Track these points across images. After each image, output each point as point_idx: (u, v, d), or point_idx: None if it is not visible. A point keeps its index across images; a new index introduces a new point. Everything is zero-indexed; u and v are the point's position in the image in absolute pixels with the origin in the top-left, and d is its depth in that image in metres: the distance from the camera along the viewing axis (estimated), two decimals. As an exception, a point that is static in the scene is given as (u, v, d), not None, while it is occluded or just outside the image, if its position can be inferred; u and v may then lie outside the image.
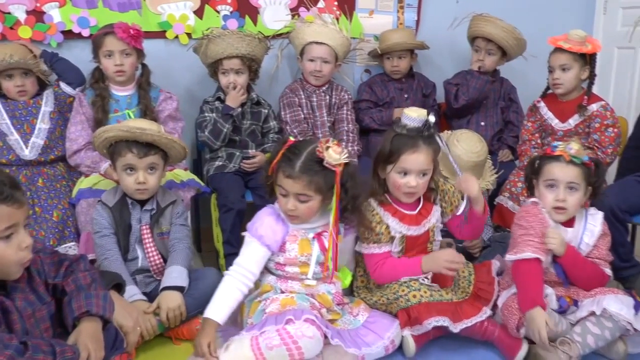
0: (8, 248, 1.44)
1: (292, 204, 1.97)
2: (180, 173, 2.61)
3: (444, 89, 3.24)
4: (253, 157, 2.76)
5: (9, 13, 2.71)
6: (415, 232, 2.15)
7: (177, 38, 2.96)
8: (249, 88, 2.85)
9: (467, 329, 2.01)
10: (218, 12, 2.99)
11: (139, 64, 2.65)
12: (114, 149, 2.16)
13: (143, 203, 2.24)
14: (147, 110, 2.60)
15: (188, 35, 2.96)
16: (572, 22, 3.50)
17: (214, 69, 2.78)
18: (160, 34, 2.92)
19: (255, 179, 2.73)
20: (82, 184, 2.50)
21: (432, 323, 1.97)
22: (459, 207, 2.20)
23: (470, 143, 2.51)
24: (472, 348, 2.07)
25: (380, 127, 3.11)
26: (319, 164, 1.92)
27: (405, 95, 3.22)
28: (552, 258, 2.13)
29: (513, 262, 2.09)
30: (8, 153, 2.53)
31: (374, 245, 2.14)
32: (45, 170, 2.57)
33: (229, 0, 3.00)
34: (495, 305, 2.12)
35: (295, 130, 2.92)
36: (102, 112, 2.55)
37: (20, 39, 2.71)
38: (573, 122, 2.70)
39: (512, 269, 2.11)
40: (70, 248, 2.39)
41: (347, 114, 3.04)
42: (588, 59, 2.65)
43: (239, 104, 2.76)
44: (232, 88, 2.74)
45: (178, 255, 2.20)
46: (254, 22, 3.06)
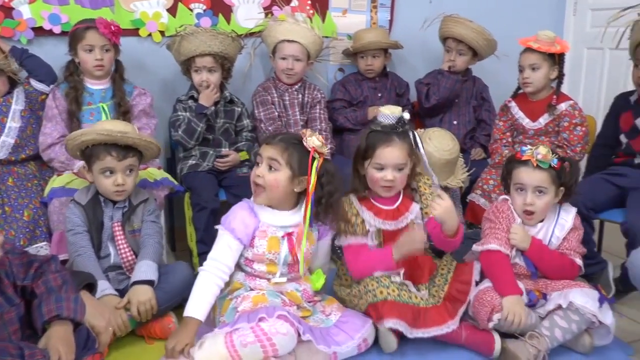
0: None
1: (260, 170, 2.01)
2: (154, 172, 2.60)
3: (416, 89, 3.27)
4: (226, 156, 2.76)
5: (-24, 9, 2.65)
6: (392, 226, 2.17)
7: (150, 36, 2.93)
8: (222, 87, 2.84)
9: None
10: (191, 10, 2.97)
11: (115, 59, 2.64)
12: (91, 152, 2.16)
13: (115, 202, 2.24)
14: (121, 103, 2.60)
15: (161, 33, 2.93)
16: (543, 23, 3.56)
17: (187, 67, 2.77)
18: (134, 32, 2.89)
19: (229, 178, 2.74)
20: (54, 183, 2.47)
21: (390, 324, 1.97)
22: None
23: (442, 141, 2.54)
24: (450, 345, 2.08)
25: (355, 126, 3.14)
26: (299, 142, 2.00)
27: (379, 95, 3.24)
28: (520, 251, 2.18)
29: (480, 253, 2.16)
30: (-23, 152, 2.49)
31: (351, 237, 2.17)
32: (16, 170, 2.52)
33: (203, -2, 2.99)
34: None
35: (270, 128, 2.92)
36: (75, 104, 2.54)
37: (-12, 36, 2.67)
38: (543, 121, 2.74)
39: (481, 260, 2.18)
40: (42, 248, 2.36)
41: (319, 113, 3.04)
42: (557, 59, 2.69)
43: (212, 103, 2.76)
44: (205, 87, 2.73)
45: (148, 250, 2.20)
46: (227, 20, 3.05)
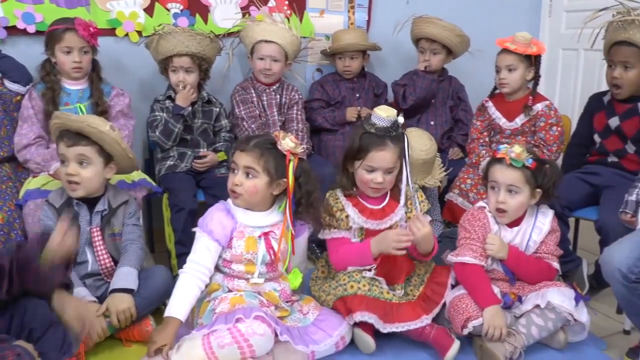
0: None
1: (238, 179, 2.00)
2: (132, 173, 2.58)
3: (392, 90, 3.28)
4: (204, 156, 2.75)
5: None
6: (375, 226, 2.18)
7: (127, 36, 2.91)
8: (200, 87, 2.83)
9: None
10: (168, 10, 2.96)
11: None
12: (56, 139, 2.13)
13: (93, 204, 2.17)
14: (99, 103, 2.57)
15: (138, 33, 2.91)
16: (519, 24, 3.62)
17: (165, 66, 2.76)
18: (110, 32, 2.87)
19: (207, 179, 2.73)
20: (29, 185, 2.43)
21: (359, 317, 1.98)
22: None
23: (420, 141, 2.56)
24: (427, 346, 2.09)
25: (333, 127, 3.16)
26: (273, 146, 2.00)
27: (357, 95, 3.25)
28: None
29: (455, 264, 2.18)
30: (-50, 154, 2.45)
31: (335, 231, 2.19)
32: (-10, 171, 2.49)
33: (180, -2, 2.98)
34: (443, 305, 2.16)
35: (253, 126, 2.91)
36: (52, 104, 2.50)
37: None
38: (520, 121, 2.77)
39: (455, 272, 2.19)
40: (17, 251, 2.33)
41: (297, 114, 3.04)
42: (533, 61, 2.72)
43: (189, 104, 2.75)
44: (182, 87, 2.72)
45: (129, 257, 2.16)
46: (205, 20, 3.04)
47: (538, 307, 2.08)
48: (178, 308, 1.94)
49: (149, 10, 2.92)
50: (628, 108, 2.55)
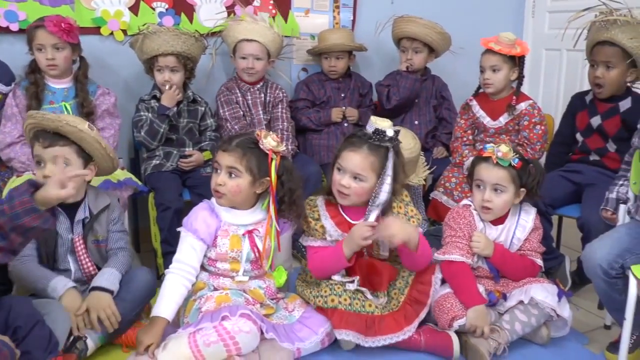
0: None
1: (221, 179, 2.00)
2: (117, 172, 2.56)
3: (376, 91, 3.30)
4: (190, 155, 2.75)
5: None
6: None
7: (112, 34, 2.89)
8: (185, 86, 2.83)
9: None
10: (153, 9, 2.95)
11: (77, 57, 2.59)
12: (31, 140, 2.01)
13: (72, 210, 2.07)
14: (84, 103, 2.55)
15: (123, 32, 2.90)
16: (503, 24, 3.65)
17: (150, 66, 2.75)
18: (95, 30, 2.85)
19: (193, 178, 2.73)
20: (13, 184, 2.41)
21: (342, 335, 1.97)
22: None
23: (403, 140, 2.52)
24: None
25: (318, 127, 3.16)
26: (255, 145, 2.00)
27: (342, 95, 3.26)
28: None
29: (442, 262, 2.18)
30: None
31: (311, 239, 2.17)
32: (-27, 171, 2.47)
33: (165, -3, 2.97)
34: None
35: (237, 127, 2.92)
36: (35, 100, 2.48)
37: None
38: (503, 120, 2.79)
39: (442, 270, 2.19)
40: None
41: (282, 112, 3.04)
42: (517, 61, 2.75)
43: (175, 104, 2.74)
44: (168, 87, 2.71)
45: (115, 261, 2.10)
46: (190, 19, 3.03)
47: (521, 303, 2.11)
48: (165, 307, 1.94)
49: (134, 9, 2.91)
50: (609, 107, 2.59)
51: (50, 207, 1.64)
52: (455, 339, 2.05)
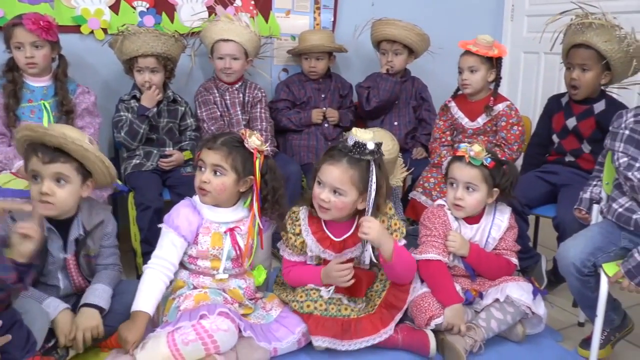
0: None
1: (206, 176, 2.00)
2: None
3: (356, 92, 3.32)
4: (170, 155, 2.74)
5: None
6: (332, 258, 2.10)
7: (92, 33, 2.88)
8: (165, 86, 2.83)
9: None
10: (134, 8, 2.94)
11: (56, 55, 2.57)
12: (26, 151, 1.90)
13: (65, 228, 1.97)
14: (64, 102, 2.54)
15: (104, 31, 2.89)
16: (482, 28, 3.69)
17: (130, 66, 2.74)
18: (75, 29, 2.84)
19: (173, 177, 2.73)
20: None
21: (317, 342, 1.97)
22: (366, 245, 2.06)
23: (382, 141, 2.58)
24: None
25: (298, 128, 3.18)
26: (240, 144, 2.01)
27: (323, 95, 3.27)
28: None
29: (419, 262, 2.20)
30: None
31: (289, 251, 2.17)
32: (-50, 171, 2.43)
33: (146, -4, 2.97)
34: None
35: (213, 128, 2.92)
36: (13, 98, 2.46)
37: None
38: (482, 120, 2.83)
39: (420, 269, 2.21)
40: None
41: (261, 112, 3.05)
42: (495, 63, 2.79)
43: (155, 104, 2.74)
44: (147, 87, 2.71)
45: (106, 276, 2.05)
46: (171, 19, 3.03)
47: (497, 301, 2.14)
48: (145, 302, 1.93)
49: (115, 8, 2.90)
50: (584, 109, 2.63)
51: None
52: (432, 337, 2.07)
